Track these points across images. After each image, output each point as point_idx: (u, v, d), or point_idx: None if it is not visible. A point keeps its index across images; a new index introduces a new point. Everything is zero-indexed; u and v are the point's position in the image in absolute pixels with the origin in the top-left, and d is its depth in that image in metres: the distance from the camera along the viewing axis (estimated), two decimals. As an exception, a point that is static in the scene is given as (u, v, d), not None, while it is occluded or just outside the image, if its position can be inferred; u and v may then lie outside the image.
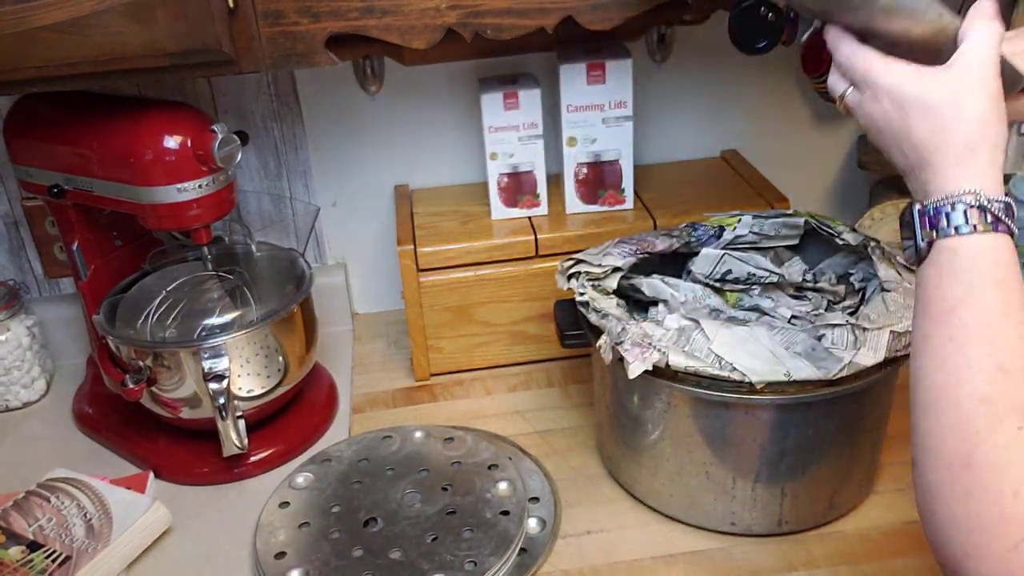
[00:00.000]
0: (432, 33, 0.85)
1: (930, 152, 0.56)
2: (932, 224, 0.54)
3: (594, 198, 1.16)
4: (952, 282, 0.53)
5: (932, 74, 0.57)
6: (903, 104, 0.57)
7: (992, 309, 0.51)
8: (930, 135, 0.56)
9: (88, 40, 0.78)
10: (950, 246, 0.53)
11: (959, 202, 0.53)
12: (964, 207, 0.53)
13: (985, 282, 0.52)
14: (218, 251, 1.06)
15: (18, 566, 0.85)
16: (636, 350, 0.80)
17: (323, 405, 1.10)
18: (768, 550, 0.86)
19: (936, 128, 0.55)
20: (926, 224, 0.54)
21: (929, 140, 0.56)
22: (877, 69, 0.58)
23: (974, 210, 0.53)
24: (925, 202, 0.55)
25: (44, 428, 1.13)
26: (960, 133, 0.55)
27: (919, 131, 0.56)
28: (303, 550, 0.87)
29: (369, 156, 1.24)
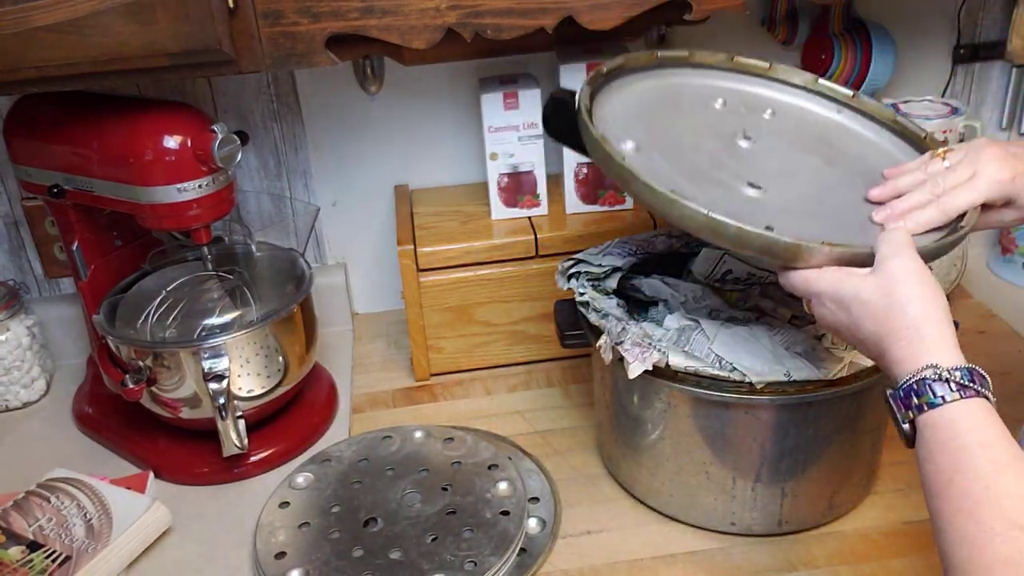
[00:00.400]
0: (432, 33, 0.85)
1: (881, 340, 0.61)
2: (906, 405, 0.57)
3: (594, 198, 1.16)
4: (941, 455, 0.55)
5: (861, 275, 0.64)
6: (842, 303, 0.64)
7: (986, 471, 0.53)
8: (876, 326, 0.61)
9: (88, 40, 0.78)
10: (929, 422, 0.56)
11: (922, 379, 0.57)
12: (928, 383, 0.56)
13: (971, 447, 0.54)
14: (218, 251, 1.06)
15: (18, 566, 0.85)
16: (636, 350, 0.80)
17: (323, 405, 1.10)
18: (768, 550, 0.86)
19: (878, 318, 0.61)
20: (901, 407, 0.58)
21: (877, 331, 0.61)
22: (812, 279, 0.66)
23: (938, 383, 0.56)
24: (895, 387, 0.59)
25: (44, 428, 1.13)
26: (900, 318, 0.60)
27: (865, 325, 0.62)
28: (303, 550, 0.87)
29: (369, 156, 1.24)
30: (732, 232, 0.67)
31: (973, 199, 0.70)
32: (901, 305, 0.60)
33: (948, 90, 1.28)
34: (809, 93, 0.90)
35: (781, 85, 0.91)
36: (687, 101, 0.88)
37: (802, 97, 0.90)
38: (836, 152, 0.84)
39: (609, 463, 0.97)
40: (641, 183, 0.70)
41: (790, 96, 0.91)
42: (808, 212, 0.76)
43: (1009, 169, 0.70)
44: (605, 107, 0.83)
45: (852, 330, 0.64)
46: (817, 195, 0.79)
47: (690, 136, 0.83)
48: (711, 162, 0.80)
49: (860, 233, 0.72)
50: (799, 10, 1.20)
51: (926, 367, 0.57)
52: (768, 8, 1.21)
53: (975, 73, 1.28)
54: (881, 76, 1.20)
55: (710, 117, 0.87)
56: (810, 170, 0.81)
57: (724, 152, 0.82)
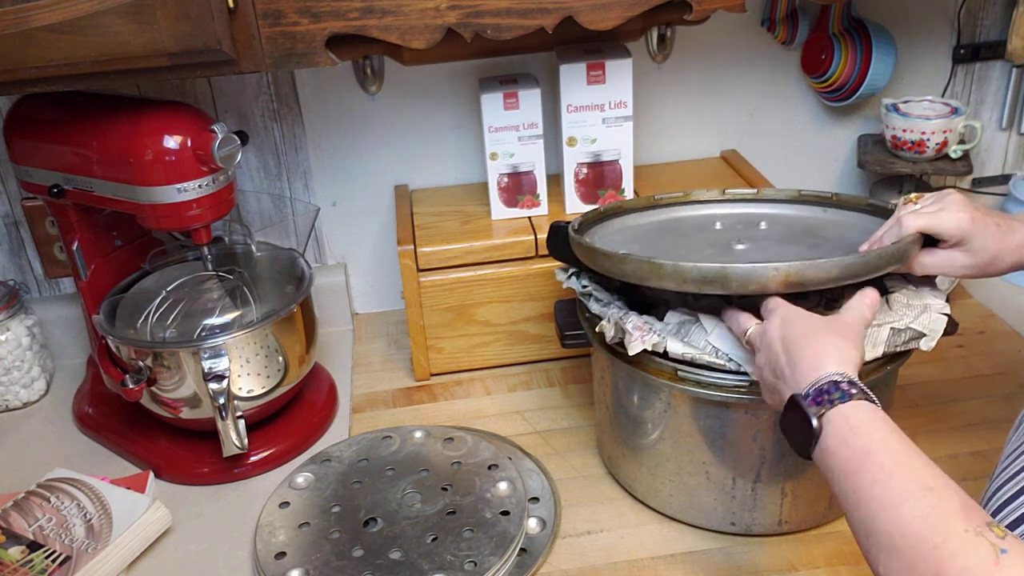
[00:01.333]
0: (432, 33, 0.85)
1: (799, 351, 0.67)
2: (817, 401, 0.63)
3: (594, 198, 1.16)
4: (855, 437, 0.60)
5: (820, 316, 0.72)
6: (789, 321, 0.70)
7: (897, 447, 0.58)
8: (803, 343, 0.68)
9: (88, 40, 0.78)
10: (842, 412, 0.61)
11: (833, 379, 0.63)
12: (839, 381, 0.63)
13: (882, 429, 0.59)
14: (218, 251, 1.06)
15: (18, 566, 0.85)
16: (637, 332, 0.81)
17: (323, 405, 1.10)
18: (768, 550, 0.86)
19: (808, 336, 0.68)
20: (812, 404, 0.63)
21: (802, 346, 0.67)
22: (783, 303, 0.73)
23: (845, 384, 0.63)
24: (803, 389, 0.64)
25: (44, 428, 1.13)
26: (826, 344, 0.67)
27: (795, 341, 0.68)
28: (303, 550, 0.87)
29: (369, 156, 1.24)
30: (669, 269, 0.76)
31: (929, 223, 0.77)
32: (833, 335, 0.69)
33: (948, 90, 1.28)
34: (796, 203, 1.01)
35: (771, 203, 1.02)
36: (687, 228, 0.99)
37: (791, 207, 1.01)
38: (820, 239, 0.93)
39: (609, 463, 0.97)
40: (599, 252, 0.82)
41: (780, 208, 1.01)
42: None
43: (970, 212, 0.77)
44: (604, 234, 0.97)
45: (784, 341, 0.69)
46: None
47: (686, 248, 0.94)
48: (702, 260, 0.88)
49: None
50: (799, 10, 1.20)
51: (835, 373, 0.64)
52: (768, 8, 1.21)
53: (975, 73, 1.28)
54: (881, 76, 1.20)
55: (709, 235, 0.97)
56: (794, 254, 0.89)
57: (719, 255, 0.91)
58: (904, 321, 0.79)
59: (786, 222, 0.99)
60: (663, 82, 1.24)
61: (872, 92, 1.21)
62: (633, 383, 0.86)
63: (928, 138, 1.17)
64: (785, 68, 1.26)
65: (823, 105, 1.29)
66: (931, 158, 1.20)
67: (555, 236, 0.93)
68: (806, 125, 1.30)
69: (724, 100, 1.27)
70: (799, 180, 1.27)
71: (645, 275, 0.78)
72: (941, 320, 0.81)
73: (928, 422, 1.00)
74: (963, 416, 1.01)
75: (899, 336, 0.79)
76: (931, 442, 0.97)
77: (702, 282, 0.75)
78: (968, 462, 0.94)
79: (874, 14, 1.22)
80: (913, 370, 1.07)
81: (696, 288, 0.76)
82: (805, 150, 1.32)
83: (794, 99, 1.28)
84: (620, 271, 0.81)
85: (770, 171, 1.27)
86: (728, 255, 0.91)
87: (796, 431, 0.64)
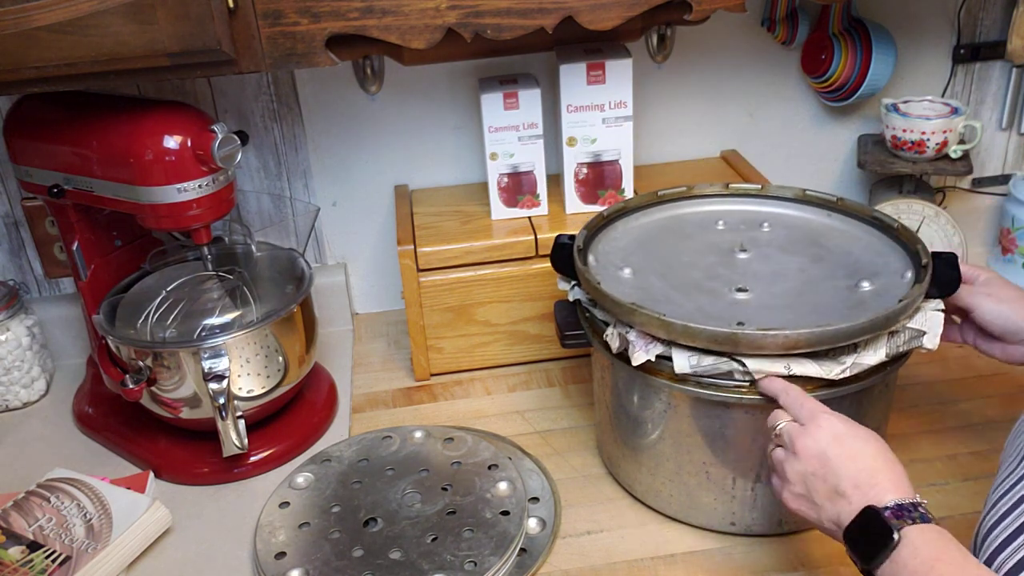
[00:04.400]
0: (432, 33, 0.85)
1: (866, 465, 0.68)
2: (899, 515, 0.63)
3: (594, 198, 1.16)
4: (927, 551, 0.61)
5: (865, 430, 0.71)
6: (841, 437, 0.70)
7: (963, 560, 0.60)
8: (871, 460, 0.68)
9: (88, 40, 0.78)
10: (924, 530, 0.62)
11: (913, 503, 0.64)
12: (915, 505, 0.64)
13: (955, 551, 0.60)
14: (218, 251, 1.06)
15: (18, 566, 0.85)
16: (641, 342, 0.81)
17: (323, 405, 1.10)
18: (768, 550, 0.86)
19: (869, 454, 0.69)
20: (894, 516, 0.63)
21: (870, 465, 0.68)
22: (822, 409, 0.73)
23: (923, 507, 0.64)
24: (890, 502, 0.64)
25: (44, 428, 1.13)
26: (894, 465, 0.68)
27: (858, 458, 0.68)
28: (303, 550, 0.87)
29: (369, 156, 1.24)
30: (679, 328, 0.77)
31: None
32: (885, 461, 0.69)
33: (948, 90, 1.28)
34: (800, 203, 1.00)
35: (775, 200, 1.02)
36: (690, 227, 1.00)
37: (794, 208, 1.00)
38: (824, 250, 0.93)
39: (609, 463, 0.97)
40: (608, 297, 0.82)
41: (783, 208, 1.01)
42: (785, 305, 0.85)
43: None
44: (607, 243, 0.97)
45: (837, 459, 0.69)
46: (799, 289, 0.87)
47: (689, 255, 0.94)
48: (706, 274, 0.91)
49: (827, 316, 0.80)
50: (799, 10, 1.20)
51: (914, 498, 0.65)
52: (768, 8, 1.21)
53: (975, 73, 1.28)
54: (881, 76, 1.20)
55: (712, 237, 0.97)
56: (797, 269, 0.91)
57: (720, 264, 0.92)
58: (902, 323, 0.79)
59: (789, 224, 0.99)
60: (663, 82, 1.24)
61: (872, 92, 1.21)
62: (633, 383, 0.86)
63: (928, 138, 1.17)
64: (785, 68, 1.26)
65: (823, 105, 1.29)
66: (931, 158, 1.20)
67: (560, 252, 0.93)
68: (806, 125, 1.30)
69: (724, 100, 1.27)
70: (799, 180, 1.27)
71: (655, 329, 0.79)
72: (938, 317, 0.81)
73: (928, 422, 1.00)
74: (963, 416, 1.01)
75: (899, 338, 0.79)
76: (931, 442, 0.97)
77: (712, 341, 0.77)
78: (968, 462, 0.94)
79: (874, 14, 1.22)
80: (913, 370, 1.07)
81: (705, 346, 0.77)
82: (805, 150, 1.32)
83: (794, 99, 1.28)
84: (629, 320, 0.82)
85: (770, 171, 1.27)
86: (730, 265, 0.92)
87: (866, 544, 0.65)
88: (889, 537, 0.62)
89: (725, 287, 0.88)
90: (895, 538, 0.62)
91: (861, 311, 0.80)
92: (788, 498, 0.72)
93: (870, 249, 0.92)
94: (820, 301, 0.85)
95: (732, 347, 0.76)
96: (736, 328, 0.76)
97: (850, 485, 0.67)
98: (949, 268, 0.83)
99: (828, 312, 0.82)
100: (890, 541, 0.62)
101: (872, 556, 0.63)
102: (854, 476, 0.67)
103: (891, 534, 0.62)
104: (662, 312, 0.78)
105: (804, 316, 0.82)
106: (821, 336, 0.75)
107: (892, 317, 0.77)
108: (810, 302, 0.85)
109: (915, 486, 0.66)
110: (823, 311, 0.82)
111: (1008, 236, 1.27)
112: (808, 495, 0.70)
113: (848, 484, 0.67)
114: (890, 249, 0.91)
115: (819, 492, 0.69)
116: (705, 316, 0.82)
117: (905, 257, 0.89)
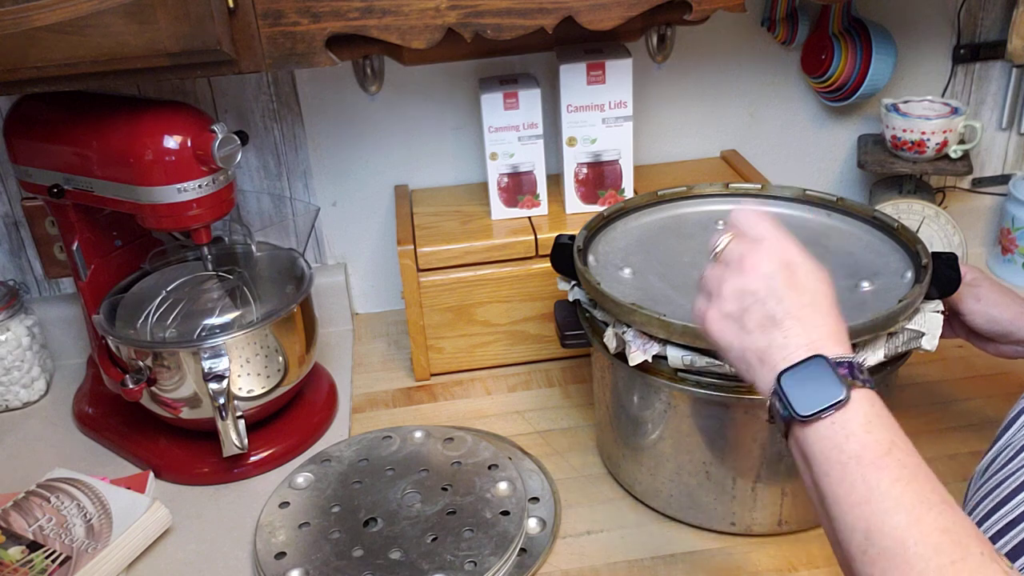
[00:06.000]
0: (432, 33, 0.85)
1: (815, 308, 0.60)
2: (851, 374, 0.55)
3: (594, 198, 1.16)
4: (880, 427, 0.54)
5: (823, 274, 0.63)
6: (794, 266, 0.61)
7: (915, 452, 0.53)
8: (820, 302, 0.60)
9: (88, 40, 0.78)
10: (870, 396, 0.55)
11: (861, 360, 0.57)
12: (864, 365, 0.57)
13: (900, 429, 0.55)
14: (218, 251, 1.06)
15: (18, 566, 0.85)
16: (638, 342, 0.81)
17: (323, 405, 1.10)
18: (768, 550, 0.86)
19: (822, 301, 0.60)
20: (847, 374, 0.55)
21: (819, 305, 0.60)
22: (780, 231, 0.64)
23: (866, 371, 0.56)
24: (839, 356, 0.56)
25: (44, 428, 1.13)
26: (840, 320, 0.60)
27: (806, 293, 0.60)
28: (303, 550, 0.87)
29: (369, 156, 1.24)
30: (679, 328, 0.77)
31: None
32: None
33: (948, 90, 1.28)
34: (800, 203, 1.00)
35: (775, 200, 1.01)
36: (689, 227, 0.99)
37: (795, 207, 1.00)
38: (824, 250, 0.92)
39: (609, 463, 0.97)
40: (608, 298, 0.82)
41: (784, 207, 1.00)
42: None
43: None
44: (607, 243, 0.97)
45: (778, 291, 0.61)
46: None
47: (689, 255, 0.93)
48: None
49: None
50: (799, 10, 1.20)
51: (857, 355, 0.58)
52: (768, 8, 1.21)
53: (975, 73, 1.28)
54: (881, 76, 1.20)
55: (712, 237, 0.92)
56: None
57: None
58: (901, 324, 0.79)
59: (789, 224, 0.97)
60: (663, 82, 1.24)
61: (872, 92, 1.21)
62: (633, 383, 0.86)
63: (928, 138, 1.17)
64: (785, 68, 1.26)
65: (823, 105, 1.29)
66: (931, 158, 1.20)
67: (560, 252, 0.93)
68: (806, 125, 1.30)
69: (724, 100, 1.27)
70: (799, 180, 1.27)
71: (655, 329, 0.79)
72: (937, 318, 0.81)
73: (928, 422, 1.00)
74: (963, 416, 1.01)
75: (897, 339, 0.79)
76: (931, 442, 0.97)
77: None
78: (968, 462, 0.94)
79: (874, 14, 1.22)
80: (913, 370, 1.07)
81: (706, 346, 0.75)
82: (805, 150, 1.32)
83: (794, 99, 1.28)
84: (629, 320, 0.81)
85: (770, 171, 1.27)
86: None
87: (807, 393, 0.56)
88: (836, 392, 0.55)
89: None
90: (843, 396, 0.54)
91: (861, 311, 0.80)
92: (713, 318, 0.62)
93: (870, 249, 0.92)
94: None
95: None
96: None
97: (790, 317, 0.59)
98: (949, 268, 0.83)
99: None
100: (837, 397, 0.54)
101: (809, 408, 0.55)
102: (797, 310, 0.59)
103: (840, 390, 0.55)
104: (662, 312, 0.78)
105: None
106: None
107: (892, 318, 0.77)
108: None
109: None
110: None
111: (1008, 236, 1.27)
112: (738, 317, 0.61)
113: (788, 315, 0.59)
114: (890, 249, 0.91)
115: (752, 316, 0.60)
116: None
117: (905, 257, 0.89)
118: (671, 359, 0.79)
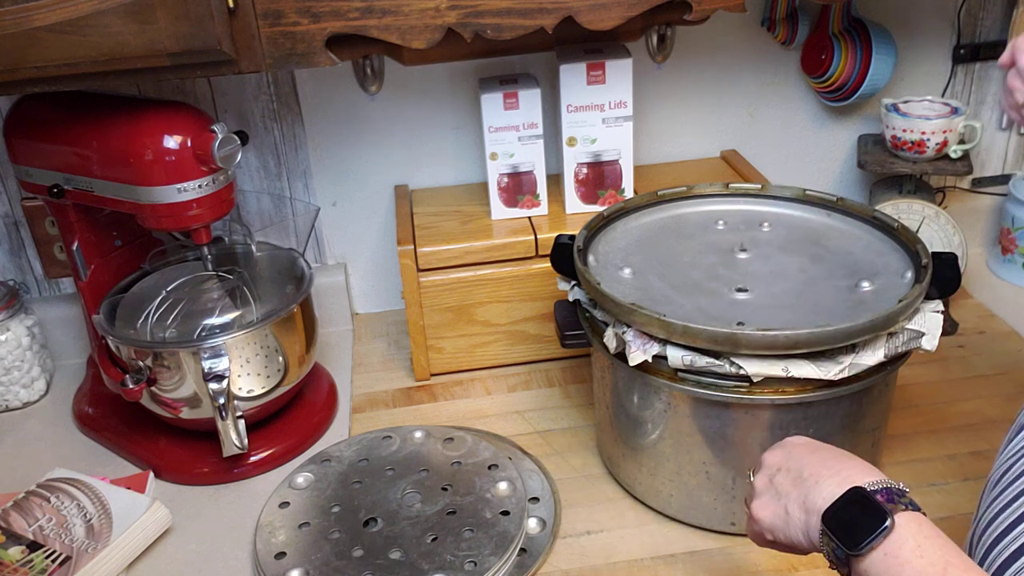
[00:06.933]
0: (432, 33, 0.85)
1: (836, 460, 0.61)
2: (890, 500, 0.56)
3: (594, 198, 1.16)
4: (931, 548, 0.54)
5: None
6: (806, 443, 0.64)
7: (970, 562, 0.53)
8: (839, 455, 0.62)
9: (88, 40, 0.78)
10: (915, 518, 0.55)
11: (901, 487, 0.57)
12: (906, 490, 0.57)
13: (950, 543, 0.54)
14: (218, 251, 1.06)
15: (18, 566, 0.85)
16: (638, 342, 0.81)
17: (323, 405, 1.10)
18: (768, 550, 0.86)
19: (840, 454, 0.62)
20: (886, 500, 0.56)
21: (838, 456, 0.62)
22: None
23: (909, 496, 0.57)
24: (873, 484, 0.57)
25: (44, 428, 1.13)
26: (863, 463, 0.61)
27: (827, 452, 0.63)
28: (303, 550, 0.87)
29: (369, 156, 1.24)
30: (679, 328, 0.77)
31: None
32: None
33: (948, 90, 1.28)
34: (800, 203, 1.00)
35: (775, 200, 1.02)
36: (690, 227, 1.00)
37: (794, 207, 1.00)
38: (824, 250, 0.93)
39: (609, 463, 0.97)
40: (608, 298, 0.83)
41: (783, 208, 1.01)
42: (785, 305, 0.84)
43: None
44: (607, 243, 0.97)
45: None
46: (799, 289, 0.87)
47: (690, 255, 0.94)
48: (706, 274, 0.90)
49: (827, 316, 0.80)
50: (799, 10, 1.20)
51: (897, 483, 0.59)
52: (768, 8, 1.21)
53: (975, 73, 1.28)
54: (881, 76, 1.20)
55: (712, 237, 0.97)
56: (796, 269, 0.90)
57: (721, 264, 0.92)
58: (901, 324, 0.79)
59: (789, 224, 0.99)
60: (663, 82, 1.24)
61: (872, 92, 1.21)
62: (633, 383, 0.86)
63: (928, 138, 1.17)
64: (785, 68, 1.26)
65: (823, 105, 1.29)
66: (931, 158, 1.20)
67: (560, 252, 0.94)
68: (806, 125, 1.30)
69: (724, 100, 1.27)
70: (799, 180, 1.27)
71: (655, 329, 0.79)
72: (937, 318, 0.81)
73: (928, 422, 1.00)
74: (963, 416, 1.01)
75: (897, 339, 0.79)
76: (931, 442, 0.97)
77: (712, 342, 0.77)
78: (968, 462, 0.94)
79: (874, 14, 1.22)
80: (913, 370, 1.07)
81: (706, 346, 0.77)
82: (805, 150, 1.32)
83: (794, 99, 1.28)
84: (629, 320, 0.82)
85: (770, 171, 1.27)
86: (730, 265, 0.92)
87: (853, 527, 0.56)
88: (880, 521, 0.55)
89: (725, 287, 0.88)
90: (887, 523, 0.55)
91: (861, 311, 0.80)
92: (755, 510, 0.65)
93: (870, 249, 0.92)
94: (820, 301, 0.85)
95: (732, 347, 0.76)
96: (736, 328, 0.76)
97: (815, 467, 0.61)
98: (949, 268, 0.83)
99: (828, 312, 0.82)
100: (881, 525, 0.55)
101: (857, 542, 0.55)
102: (819, 463, 0.61)
103: (883, 517, 0.55)
104: (662, 312, 0.79)
105: (804, 316, 0.82)
106: (820, 336, 0.75)
107: (891, 318, 0.77)
108: (810, 302, 0.85)
109: (915, 486, 0.65)
110: (823, 311, 0.82)
111: (1008, 236, 1.27)
112: (770, 490, 0.64)
113: (813, 468, 0.61)
114: (890, 249, 0.92)
115: (781, 481, 0.63)
116: (705, 316, 0.82)
117: (905, 257, 0.89)
118: (671, 359, 0.79)
